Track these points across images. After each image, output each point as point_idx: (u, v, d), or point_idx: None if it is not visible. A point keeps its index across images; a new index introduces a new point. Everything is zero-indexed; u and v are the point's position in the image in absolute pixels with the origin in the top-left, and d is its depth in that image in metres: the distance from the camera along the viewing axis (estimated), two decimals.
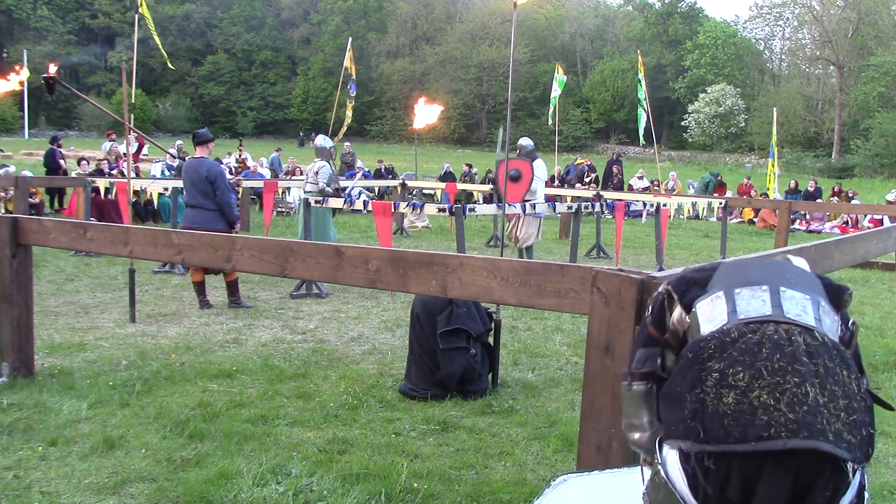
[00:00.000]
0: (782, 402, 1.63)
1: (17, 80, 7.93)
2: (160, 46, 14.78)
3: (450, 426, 4.23)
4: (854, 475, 1.36)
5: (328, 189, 9.10)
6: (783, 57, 60.11)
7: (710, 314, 1.25)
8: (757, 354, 1.71)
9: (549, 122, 25.69)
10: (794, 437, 1.62)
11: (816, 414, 1.57)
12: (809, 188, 20.00)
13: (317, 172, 9.16)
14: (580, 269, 2.76)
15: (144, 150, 20.42)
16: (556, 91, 20.37)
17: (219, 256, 3.95)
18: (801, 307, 1.26)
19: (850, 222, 17.68)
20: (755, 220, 18.79)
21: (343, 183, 10.33)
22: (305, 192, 9.10)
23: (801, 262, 1.30)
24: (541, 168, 10.03)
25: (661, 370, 1.52)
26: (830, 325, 1.23)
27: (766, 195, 19.02)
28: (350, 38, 20.72)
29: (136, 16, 14.00)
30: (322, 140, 9.72)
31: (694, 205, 16.53)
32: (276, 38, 64.75)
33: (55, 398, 4.44)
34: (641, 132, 19.31)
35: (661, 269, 2.81)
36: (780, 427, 1.64)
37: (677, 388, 1.92)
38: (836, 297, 1.29)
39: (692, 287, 1.30)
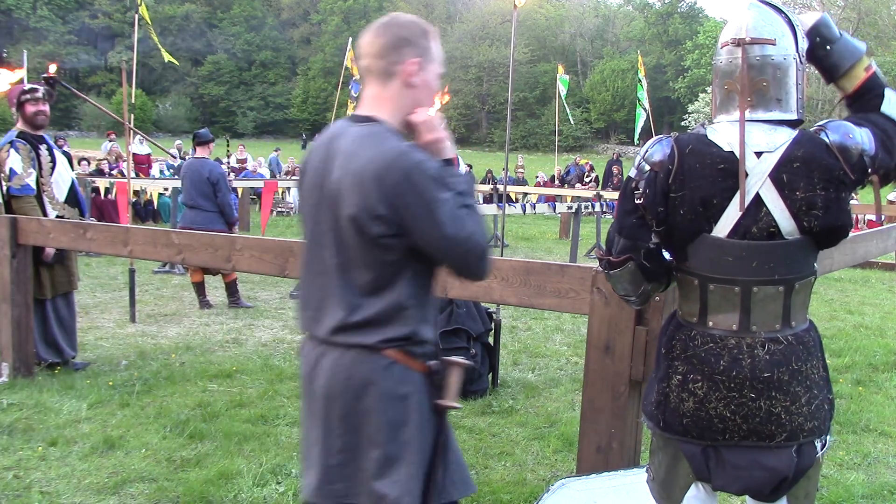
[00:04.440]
0: (738, 416, 1.73)
1: (18, 75, 7.96)
2: (159, 46, 14.69)
3: None
4: (823, 439, 1.70)
5: None
6: None
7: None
8: (714, 366, 1.79)
9: (571, 122, 26.50)
10: (745, 440, 1.77)
11: (768, 423, 1.72)
12: None
13: None
14: (580, 269, 2.76)
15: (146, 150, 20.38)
16: (562, 91, 20.94)
17: (219, 256, 3.95)
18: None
19: None
20: None
21: None
22: None
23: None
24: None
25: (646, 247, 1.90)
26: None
27: None
28: (350, 38, 20.68)
29: (136, 16, 13.94)
30: None
31: None
32: (276, 38, 64.70)
33: (55, 398, 4.44)
34: (637, 132, 19.53)
35: None
36: (734, 434, 1.75)
37: (652, 373, 2.00)
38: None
39: None
